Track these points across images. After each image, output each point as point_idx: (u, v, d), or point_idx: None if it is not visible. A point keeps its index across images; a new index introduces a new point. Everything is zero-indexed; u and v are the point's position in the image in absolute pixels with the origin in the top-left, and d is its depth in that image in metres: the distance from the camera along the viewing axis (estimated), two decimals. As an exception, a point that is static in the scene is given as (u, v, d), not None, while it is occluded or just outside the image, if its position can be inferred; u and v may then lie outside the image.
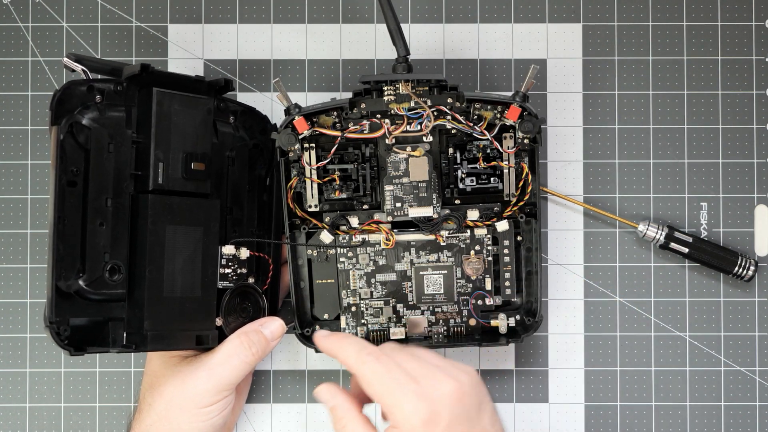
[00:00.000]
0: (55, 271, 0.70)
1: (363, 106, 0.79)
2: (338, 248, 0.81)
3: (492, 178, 0.80)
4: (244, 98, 0.83)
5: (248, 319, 0.80)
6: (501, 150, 0.80)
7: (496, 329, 0.82)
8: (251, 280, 0.81)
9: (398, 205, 0.80)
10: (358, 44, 0.87)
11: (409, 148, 0.80)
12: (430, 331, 0.83)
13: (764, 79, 0.87)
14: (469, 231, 0.82)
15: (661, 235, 0.85)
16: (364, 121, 0.79)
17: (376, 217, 0.82)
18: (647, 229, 0.85)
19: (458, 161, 0.80)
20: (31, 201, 0.86)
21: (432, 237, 0.81)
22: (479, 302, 0.82)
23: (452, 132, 0.81)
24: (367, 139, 0.80)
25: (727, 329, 0.86)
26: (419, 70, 0.86)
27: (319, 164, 0.80)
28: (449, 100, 0.79)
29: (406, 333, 0.82)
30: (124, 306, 0.74)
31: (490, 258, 0.82)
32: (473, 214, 0.81)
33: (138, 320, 0.73)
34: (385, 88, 0.79)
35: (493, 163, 0.80)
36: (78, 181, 0.72)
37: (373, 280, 0.82)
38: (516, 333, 0.82)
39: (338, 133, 0.79)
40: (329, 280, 0.82)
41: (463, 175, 0.80)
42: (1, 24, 0.87)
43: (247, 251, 0.79)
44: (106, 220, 0.73)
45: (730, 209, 0.87)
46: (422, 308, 0.82)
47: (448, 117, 0.79)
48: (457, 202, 0.82)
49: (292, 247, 0.81)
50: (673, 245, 0.85)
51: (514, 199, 0.81)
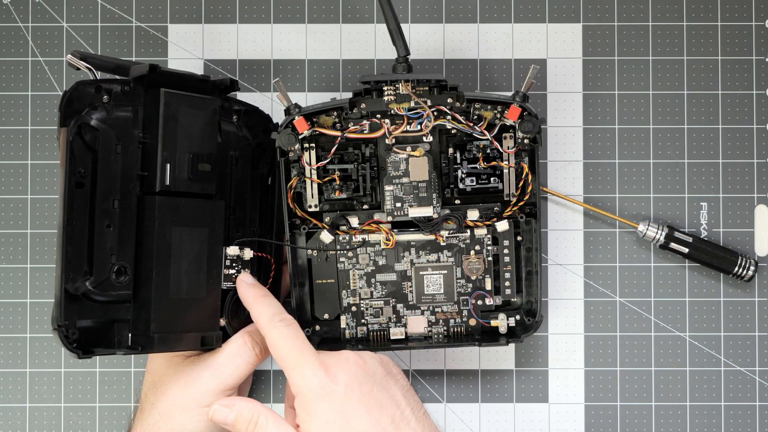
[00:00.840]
0: (63, 274, 0.69)
1: (363, 106, 0.79)
2: (337, 246, 0.81)
3: (492, 178, 0.80)
4: (244, 98, 0.83)
5: (251, 319, 0.80)
6: (501, 150, 0.80)
7: (496, 329, 0.82)
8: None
9: (398, 205, 0.80)
10: (358, 44, 0.87)
11: (409, 148, 0.80)
12: (430, 331, 0.83)
13: (764, 79, 0.87)
14: (469, 231, 0.82)
15: (661, 235, 0.85)
16: (364, 121, 0.79)
17: (376, 217, 0.82)
18: (647, 229, 0.85)
19: (458, 161, 0.80)
20: (31, 201, 0.86)
21: (432, 237, 0.81)
22: (479, 302, 0.82)
23: (452, 132, 0.81)
24: (367, 139, 0.80)
25: (727, 329, 0.86)
26: (419, 70, 0.86)
27: (319, 164, 0.80)
28: (449, 100, 0.79)
29: (406, 333, 0.82)
30: (129, 307, 0.74)
31: (490, 258, 0.82)
32: (473, 214, 0.81)
33: (144, 322, 0.73)
34: (385, 88, 0.79)
35: (493, 163, 0.80)
36: (85, 182, 0.72)
37: (373, 280, 0.82)
38: (516, 333, 0.82)
39: (338, 133, 0.79)
40: (329, 280, 0.82)
41: (463, 175, 0.80)
42: (1, 24, 0.87)
43: (251, 252, 0.80)
44: (113, 221, 0.73)
45: (730, 209, 0.87)
46: (422, 308, 0.82)
47: (448, 117, 0.79)
48: (457, 202, 0.82)
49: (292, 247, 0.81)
50: (673, 245, 0.85)
51: (514, 199, 0.81)
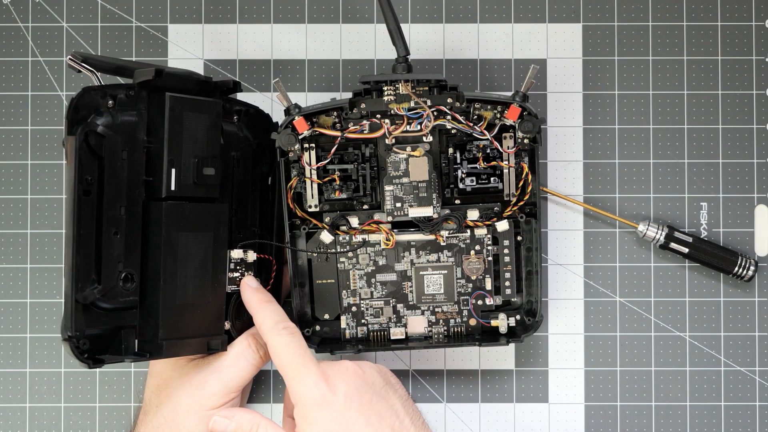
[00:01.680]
0: (73, 285, 0.69)
1: (363, 106, 0.79)
2: (338, 249, 0.81)
3: (492, 178, 0.80)
4: (244, 98, 0.83)
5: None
6: (501, 150, 0.80)
7: (496, 329, 0.82)
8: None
9: (398, 205, 0.80)
10: (358, 44, 0.87)
11: (409, 148, 0.80)
12: (431, 331, 0.83)
13: (764, 79, 0.87)
14: (469, 231, 0.82)
15: (661, 235, 0.85)
16: (364, 121, 0.79)
17: (376, 217, 0.82)
18: (647, 229, 0.85)
19: (458, 161, 0.80)
20: (31, 201, 0.86)
21: (432, 237, 0.81)
22: (479, 302, 0.82)
23: (452, 132, 0.81)
24: (367, 139, 0.80)
25: (727, 329, 0.86)
26: (419, 70, 0.86)
27: (319, 164, 0.80)
28: (449, 100, 0.79)
29: (406, 333, 0.82)
30: (135, 313, 0.73)
31: (490, 258, 0.82)
32: (473, 214, 0.81)
33: (152, 328, 0.73)
34: (385, 88, 0.79)
35: (493, 163, 0.80)
36: (92, 190, 0.71)
37: (373, 280, 0.82)
38: (516, 333, 0.82)
39: (338, 133, 0.79)
40: (329, 281, 0.82)
41: (463, 175, 0.80)
42: (1, 24, 0.87)
43: (254, 254, 0.79)
44: (119, 228, 0.72)
45: (730, 209, 0.87)
46: (422, 308, 0.82)
47: (448, 117, 0.79)
48: (457, 202, 0.82)
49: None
50: (673, 245, 0.85)
51: (514, 199, 0.81)
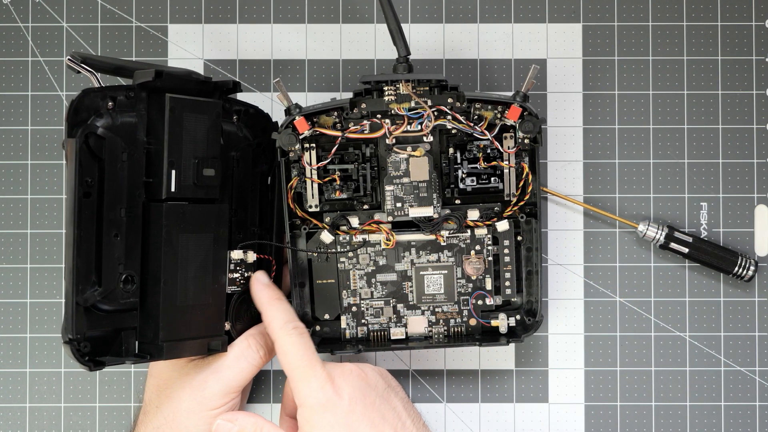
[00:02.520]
0: (74, 288, 0.68)
1: (363, 106, 0.79)
2: (338, 248, 0.81)
3: (492, 178, 0.80)
4: (244, 98, 0.83)
5: (255, 321, 0.80)
6: (501, 150, 0.80)
7: (497, 329, 0.82)
8: None
9: (398, 205, 0.80)
10: (358, 44, 0.87)
11: (409, 148, 0.80)
12: (431, 331, 0.83)
13: (764, 79, 0.87)
14: (469, 231, 0.82)
15: (661, 235, 0.85)
16: (365, 121, 0.79)
17: (377, 217, 0.82)
18: (647, 229, 0.85)
19: (458, 161, 0.80)
20: (31, 201, 0.86)
21: (432, 237, 0.81)
22: (479, 302, 0.82)
23: (452, 132, 0.81)
24: (368, 139, 0.80)
25: (727, 329, 0.86)
26: (419, 70, 0.86)
27: (319, 164, 0.80)
28: (449, 100, 0.79)
29: (406, 333, 0.82)
30: (134, 315, 0.73)
31: (490, 258, 0.82)
32: (473, 214, 0.81)
33: (152, 330, 0.72)
34: (385, 88, 0.79)
35: (494, 163, 0.80)
36: (92, 192, 0.71)
37: (373, 280, 0.82)
38: (516, 333, 0.82)
39: (339, 134, 0.79)
40: (329, 281, 0.82)
41: (464, 175, 0.80)
42: (1, 24, 0.87)
43: (254, 255, 0.79)
44: (120, 230, 0.72)
45: (730, 209, 0.87)
46: (422, 308, 0.82)
47: (449, 117, 0.79)
48: (458, 202, 0.82)
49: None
50: (673, 245, 0.85)
51: (514, 199, 0.81)
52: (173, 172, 0.73)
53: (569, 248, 0.87)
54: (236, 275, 0.79)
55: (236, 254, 0.78)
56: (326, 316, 0.83)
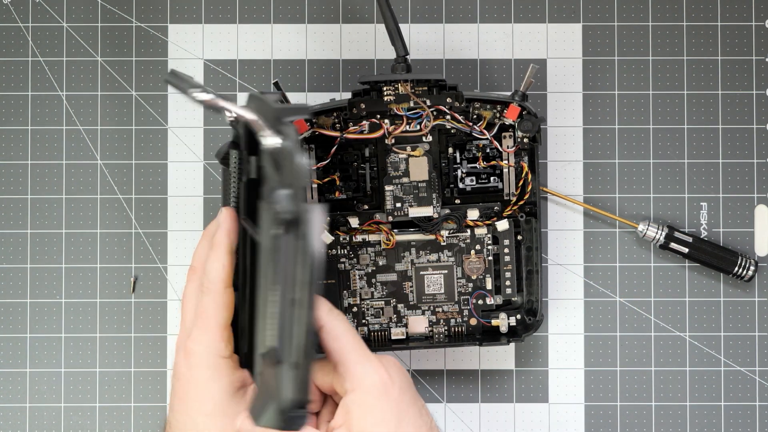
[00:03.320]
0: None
1: (362, 106, 0.79)
2: (339, 249, 0.81)
3: (492, 178, 0.80)
4: (244, 99, 0.83)
5: None
6: (500, 149, 0.80)
7: (497, 329, 0.82)
8: None
9: (398, 205, 0.80)
10: (358, 44, 0.87)
11: (408, 148, 0.80)
12: (431, 330, 0.83)
13: (764, 79, 0.87)
14: (469, 230, 0.82)
15: (661, 235, 0.85)
16: (364, 122, 0.79)
17: (377, 217, 0.82)
18: (647, 229, 0.85)
19: (458, 161, 0.80)
20: (31, 201, 0.86)
21: (432, 237, 0.81)
22: (480, 302, 0.82)
23: (452, 132, 0.81)
24: (367, 140, 0.80)
25: (727, 329, 0.86)
26: (419, 70, 0.86)
27: (318, 165, 0.80)
28: (448, 100, 0.79)
29: (406, 333, 0.82)
30: None
31: (490, 257, 0.82)
32: (473, 214, 0.81)
33: None
34: (384, 88, 0.79)
35: (493, 162, 0.80)
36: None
37: (373, 281, 0.82)
38: (517, 332, 0.82)
39: (338, 134, 0.79)
40: (330, 281, 0.82)
41: (463, 175, 0.80)
42: (1, 24, 0.87)
43: None
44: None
45: (730, 209, 0.87)
46: (423, 308, 0.82)
47: (448, 117, 0.79)
48: (457, 201, 0.82)
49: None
50: (673, 245, 0.85)
51: (514, 199, 0.81)
52: None
53: (569, 248, 0.87)
54: None
55: None
56: (326, 316, 0.83)
